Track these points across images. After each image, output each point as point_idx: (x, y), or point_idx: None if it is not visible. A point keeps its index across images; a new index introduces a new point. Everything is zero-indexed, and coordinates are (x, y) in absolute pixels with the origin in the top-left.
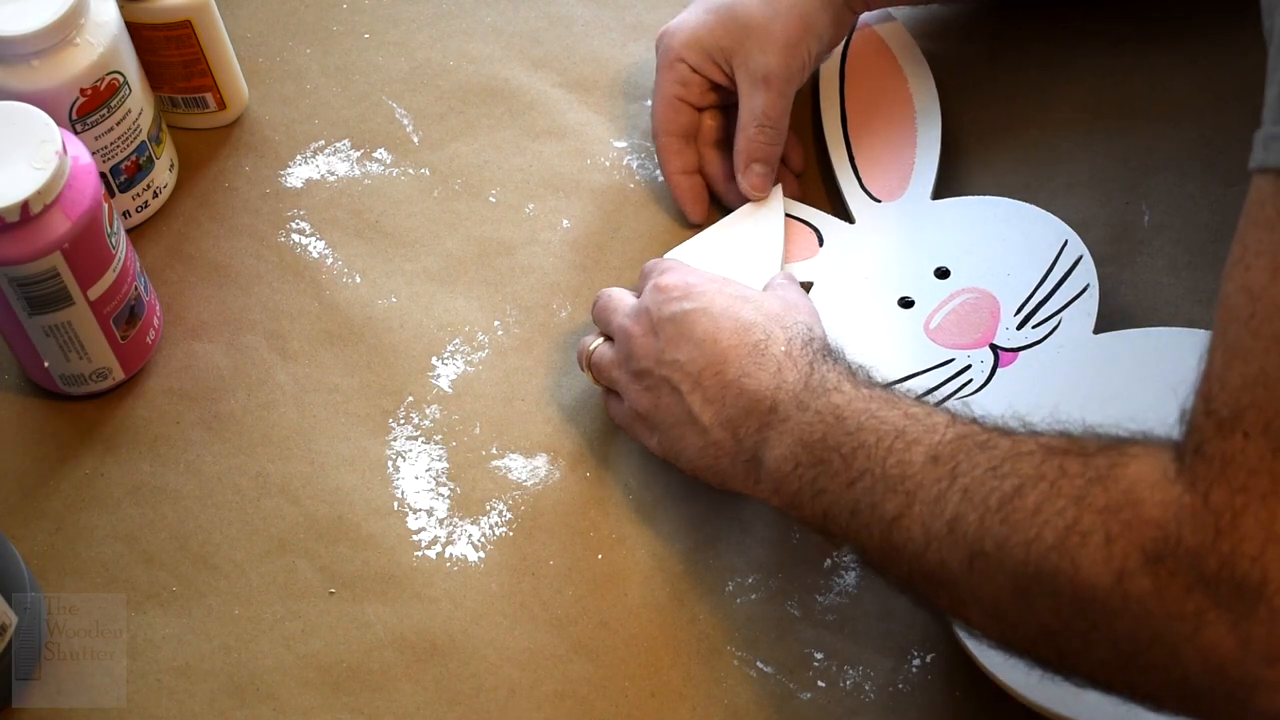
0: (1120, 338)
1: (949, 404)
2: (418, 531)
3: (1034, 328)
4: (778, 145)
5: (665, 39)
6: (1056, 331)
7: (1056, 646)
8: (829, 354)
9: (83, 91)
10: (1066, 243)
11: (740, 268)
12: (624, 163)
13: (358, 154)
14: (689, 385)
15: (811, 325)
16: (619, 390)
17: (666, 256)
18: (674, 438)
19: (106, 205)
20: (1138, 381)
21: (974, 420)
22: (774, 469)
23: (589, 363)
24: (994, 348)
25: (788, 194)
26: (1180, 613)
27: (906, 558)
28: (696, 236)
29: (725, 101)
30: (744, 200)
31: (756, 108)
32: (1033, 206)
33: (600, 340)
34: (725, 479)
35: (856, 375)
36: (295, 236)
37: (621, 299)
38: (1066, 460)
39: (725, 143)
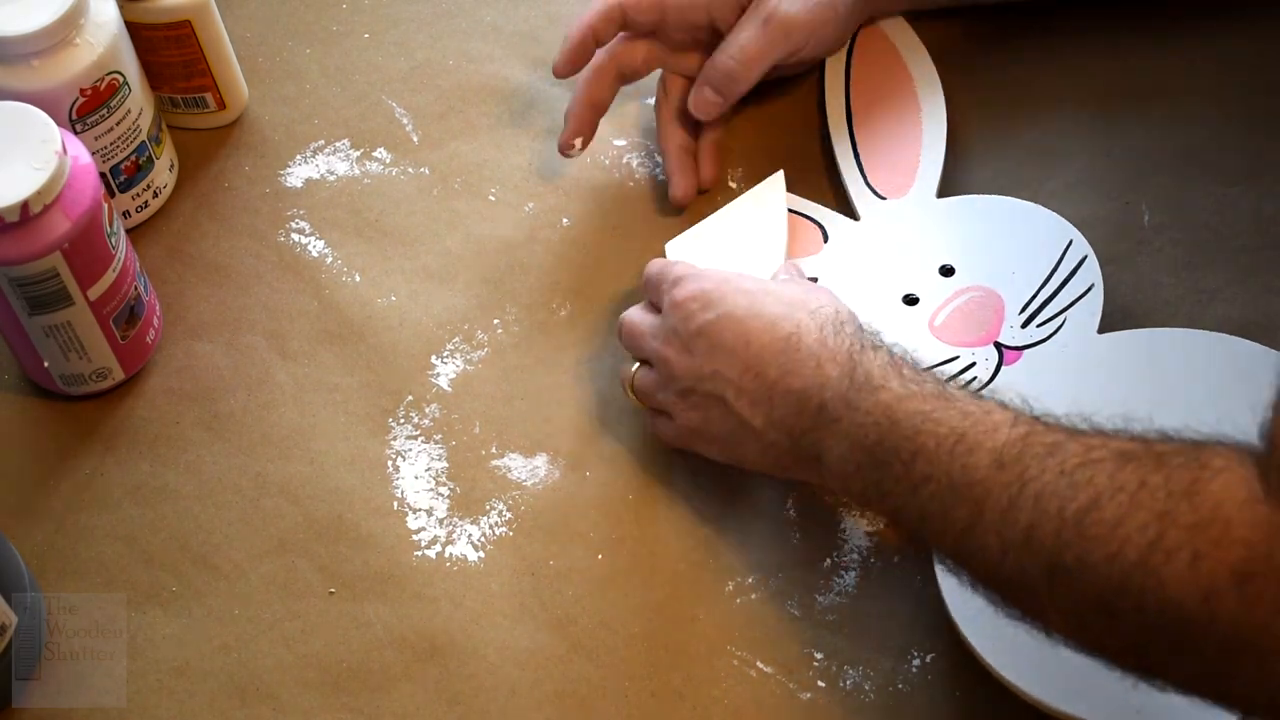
0: (1124, 338)
1: (1002, 397)
2: (417, 531)
3: (1038, 326)
4: (737, 85)
5: None
6: (1061, 331)
7: (1143, 658)
8: (866, 341)
9: (83, 91)
10: (1071, 242)
11: (745, 257)
12: (623, 161)
13: (357, 153)
14: (733, 393)
15: (836, 307)
16: (668, 411)
17: (670, 244)
18: (732, 445)
19: (106, 205)
20: (1142, 381)
21: (1035, 418)
22: (835, 469)
23: (633, 388)
24: (998, 346)
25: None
26: (1268, 629)
27: (983, 565)
28: (699, 225)
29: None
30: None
31: (742, 40)
32: (1038, 206)
33: (638, 365)
34: (791, 473)
35: (901, 367)
36: (295, 236)
37: (642, 320)
38: (1144, 470)
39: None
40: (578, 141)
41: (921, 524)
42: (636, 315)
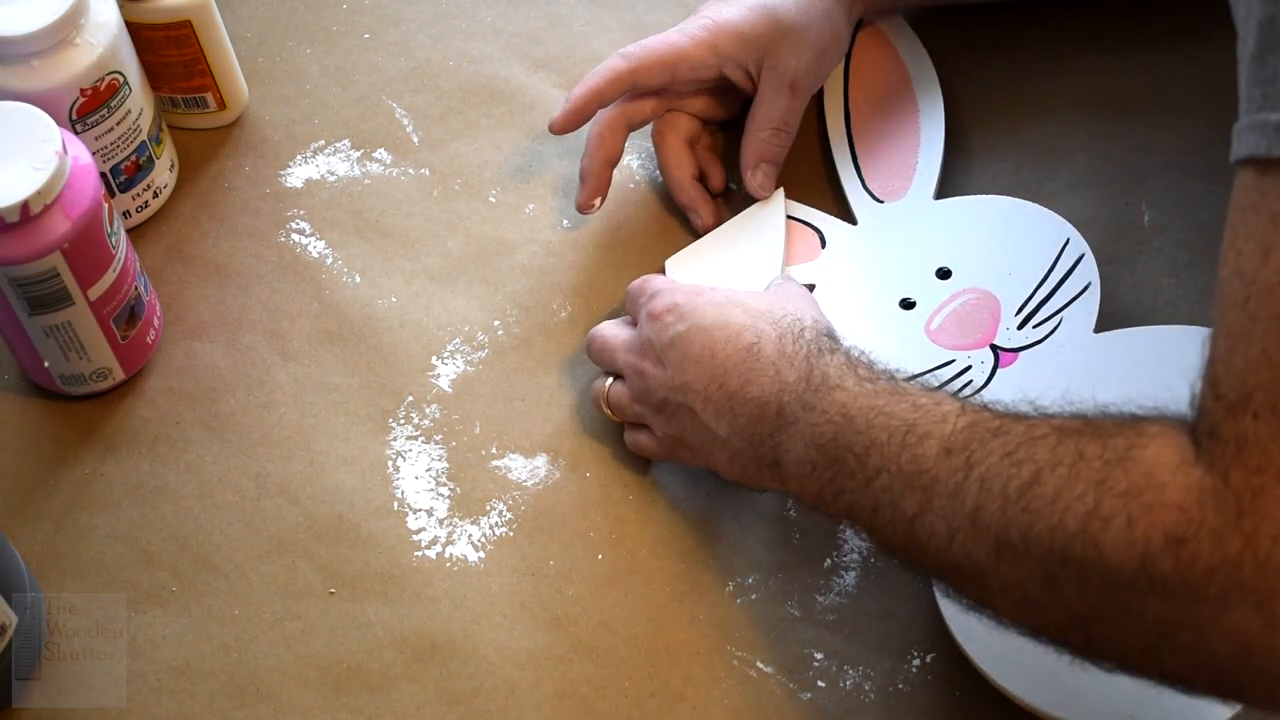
0: (1121, 336)
1: (956, 390)
2: (418, 531)
3: (1034, 327)
4: (786, 149)
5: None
6: (1057, 331)
7: (1086, 632)
8: (824, 345)
9: (83, 91)
10: (1068, 241)
11: (742, 272)
12: (624, 162)
13: (358, 154)
14: (700, 403)
15: (802, 315)
16: (646, 422)
17: (669, 261)
18: (705, 454)
19: (106, 205)
20: (1139, 379)
21: (984, 407)
22: (793, 472)
23: (608, 403)
24: (994, 348)
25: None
26: (1205, 594)
27: (932, 552)
28: (698, 242)
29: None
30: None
31: (775, 111)
32: (1034, 204)
33: (611, 380)
34: (757, 483)
35: (857, 367)
36: (295, 236)
37: (615, 335)
38: (1083, 443)
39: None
40: (597, 200)
41: (874, 517)
42: (610, 330)
